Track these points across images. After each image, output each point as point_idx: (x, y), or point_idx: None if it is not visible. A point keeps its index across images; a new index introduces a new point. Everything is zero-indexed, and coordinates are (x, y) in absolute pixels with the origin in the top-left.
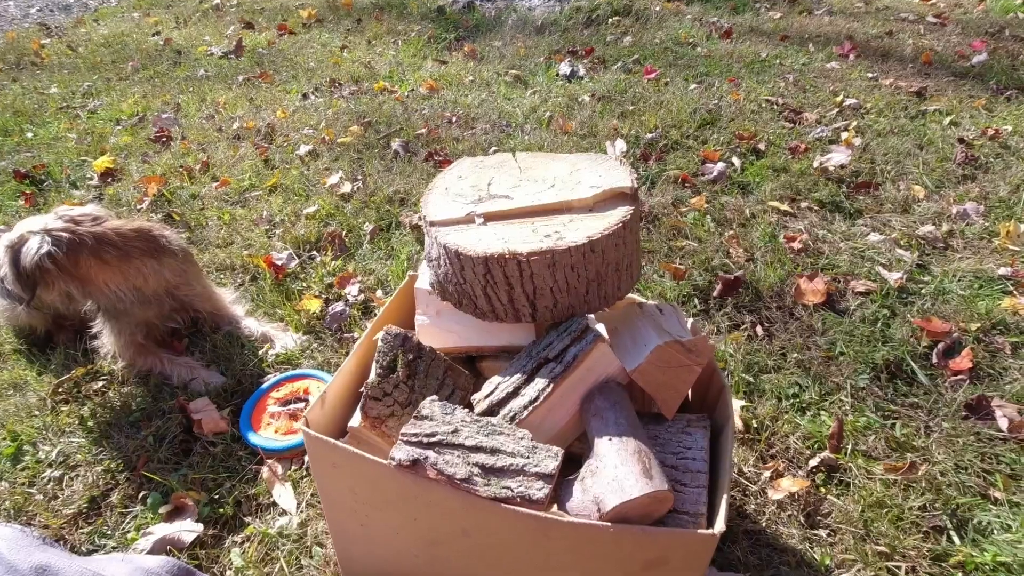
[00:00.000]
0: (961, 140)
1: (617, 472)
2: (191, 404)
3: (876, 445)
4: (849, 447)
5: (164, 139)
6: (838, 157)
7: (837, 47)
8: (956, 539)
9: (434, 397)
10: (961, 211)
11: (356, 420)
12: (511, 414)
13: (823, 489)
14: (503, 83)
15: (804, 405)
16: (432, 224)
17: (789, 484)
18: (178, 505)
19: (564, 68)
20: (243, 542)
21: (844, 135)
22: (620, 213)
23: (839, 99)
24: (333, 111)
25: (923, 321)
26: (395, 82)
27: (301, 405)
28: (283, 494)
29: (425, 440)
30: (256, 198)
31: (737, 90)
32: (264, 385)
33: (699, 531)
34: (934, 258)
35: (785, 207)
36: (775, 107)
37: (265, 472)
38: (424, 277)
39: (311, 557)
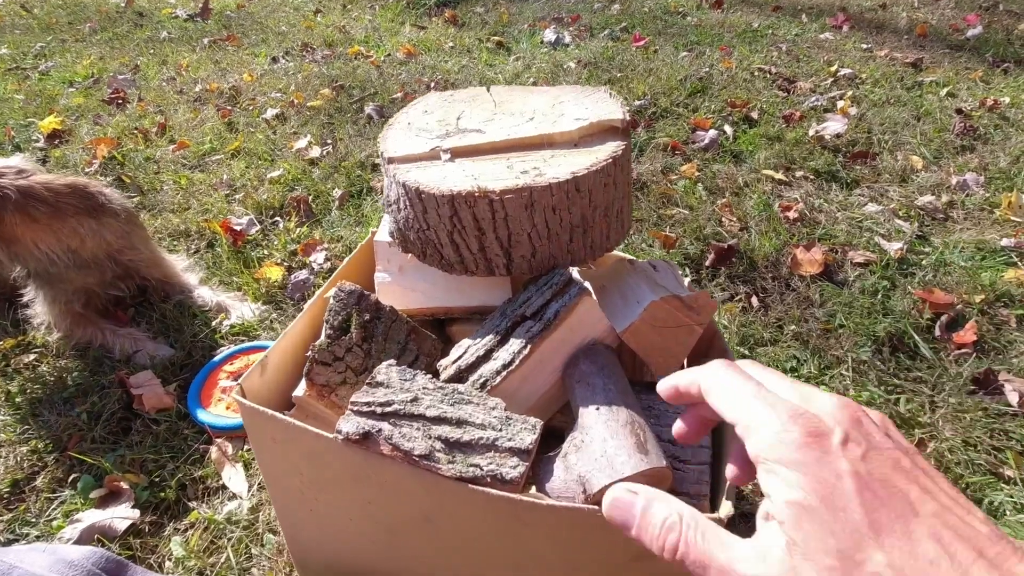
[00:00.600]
0: (959, 111)
1: (606, 447)
2: (132, 378)
3: None
4: None
5: (119, 101)
6: (834, 126)
7: (830, 18)
8: None
9: (392, 361)
10: (961, 182)
11: (302, 389)
12: (482, 380)
13: None
14: (485, 49)
15: (803, 379)
16: (391, 161)
17: None
18: (113, 489)
19: (549, 35)
20: (186, 529)
21: (840, 104)
22: (610, 148)
23: (833, 69)
24: (304, 75)
25: (925, 293)
26: (371, 47)
27: None
28: (233, 476)
29: (379, 410)
30: (217, 162)
31: (729, 58)
32: (216, 358)
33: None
34: (934, 229)
35: (780, 176)
36: (768, 76)
37: (214, 452)
38: (384, 228)
39: (262, 545)
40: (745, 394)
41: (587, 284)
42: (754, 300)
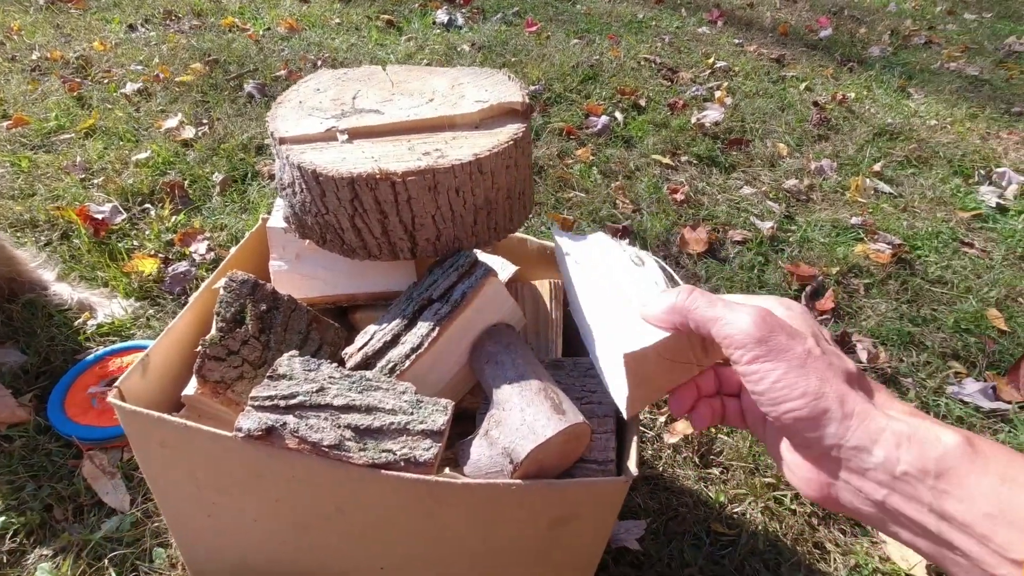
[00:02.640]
0: (816, 104)
1: (524, 415)
2: None
3: None
4: None
5: None
6: (713, 115)
7: (707, 13)
8: None
9: (294, 352)
10: (818, 167)
11: (192, 387)
12: (390, 365)
13: (714, 429)
14: (374, 28)
15: None
16: (282, 141)
17: (683, 427)
18: None
19: (441, 16)
20: (55, 555)
21: (717, 94)
22: (511, 130)
23: (711, 61)
24: (169, 46)
25: (792, 266)
26: (247, 19)
27: None
28: (111, 490)
29: (282, 403)
30: (66, 142)
31: (617, 47)
32: (83, 361)
33: (610, 479)
34: (798, 209)
35: (667, 160)
36: (653, 65)
37: (86, 466)
38: (278, 214)
39: (151, 561)
40: (717, 303)
41: (502, 266)
42: None
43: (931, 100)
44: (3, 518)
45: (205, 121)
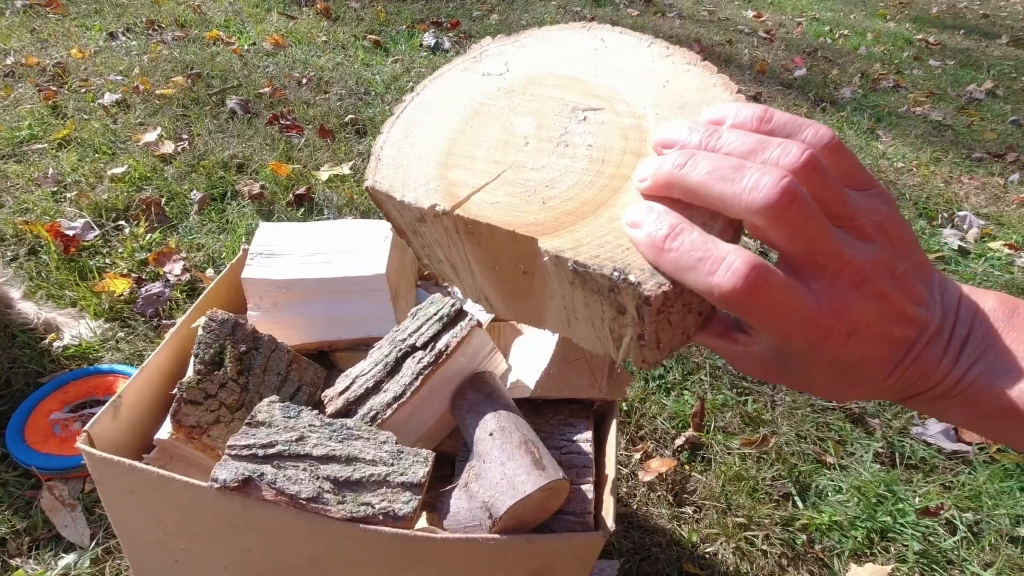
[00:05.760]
0: None
1: (505, 469)
2: None
3: (732, 421)
4: (711, 425)
5: None
6: None
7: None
8: (800, 504)
9: (274, 398)
10: None
11: (166, 431)
12: (372, 413)
13: (687, 467)
14: (361, 48)
15: (669, 386)
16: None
17: (658, 465)
18: None
19: (428, 39)
20: None
21: None
22: None
23: None
24: (150, 57)
25: None
26: (232, 32)
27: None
28: (71, 523)
29: (260, 452)
30: (39, 152)
31: None
32: (46, 385)
33: (587, 534)
34: (769, 248)
35: None
36: None
37: (45, 497)
38: (255, 266)
39: None
40: None
41: (483, 316)
42: None
43: (898, 143)
44: None
45: (185, 136)
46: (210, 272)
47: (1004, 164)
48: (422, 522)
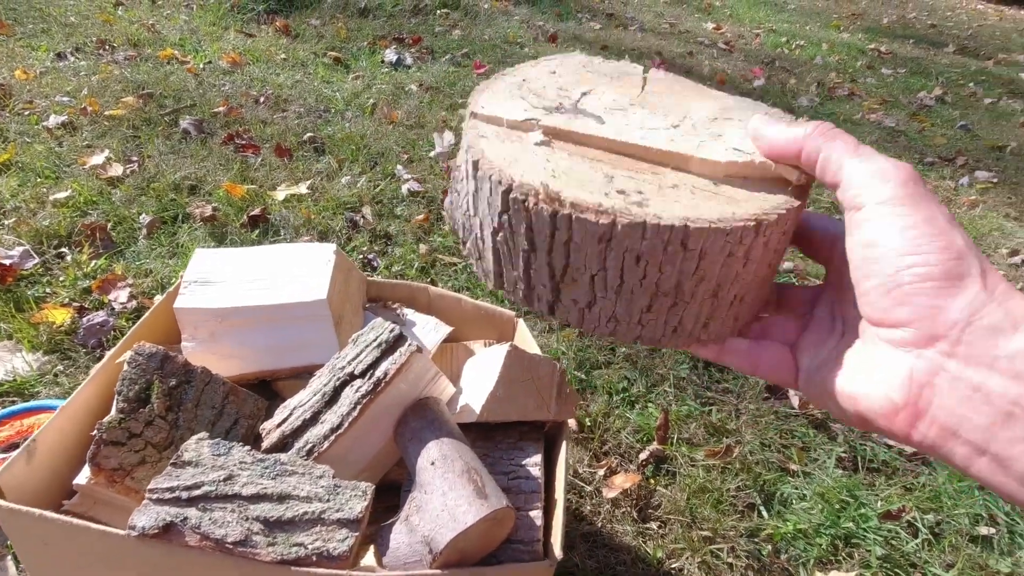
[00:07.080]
0: None
1: (446, 500)
2: None
3: (697, 432)
4: (675, 437)
5: None
6: None
7: (650, 60)
8: (765, 513)
9: (203, 435)
10: None
11: (84, 475)
12: (308, 446)
13: (652, 481)
14: (321, 64)
15: (633, 399)
16: (474, 116)
17: (622, 480)
18: None
19: (390, 55)
20: None
21: None
22: (760, 206)
23: None
24: (100, 77)
25: None
26: (187, 51)
27: None
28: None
29: (184, 495)
30: None
31: None
32: None
33: (534, 564)
34: None
35: None
36: None
37: None
38: (189, 295)
39: None
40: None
41: (433, 333)
42: None
43: None
44: None
45: (135, 158)
46: (158, 298)
47: (954, 168)
48: (370, 558)
